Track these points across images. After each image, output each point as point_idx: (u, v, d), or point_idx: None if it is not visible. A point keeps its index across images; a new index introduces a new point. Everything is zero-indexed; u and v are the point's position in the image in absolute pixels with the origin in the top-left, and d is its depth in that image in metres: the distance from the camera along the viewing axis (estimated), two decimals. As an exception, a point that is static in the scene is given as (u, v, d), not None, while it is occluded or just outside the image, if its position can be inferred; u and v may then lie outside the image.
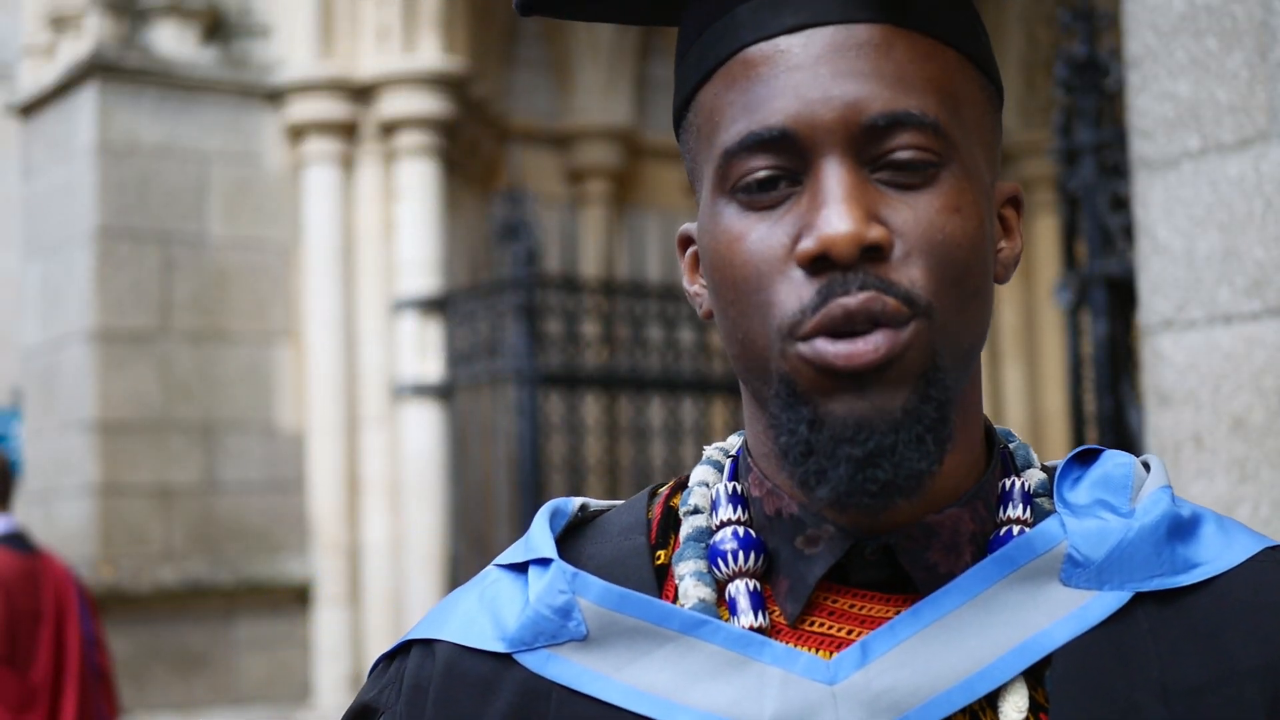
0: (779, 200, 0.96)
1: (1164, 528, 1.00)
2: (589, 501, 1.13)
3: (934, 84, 0.97)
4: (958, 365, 0.97)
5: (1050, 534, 0.99)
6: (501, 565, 1.08)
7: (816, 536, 0.99)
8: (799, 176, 0.96)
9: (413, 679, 1.06)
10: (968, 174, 0.98)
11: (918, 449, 0.94)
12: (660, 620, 1.00)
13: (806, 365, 0.94)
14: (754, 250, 0.96)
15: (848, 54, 0.95)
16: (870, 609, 0.99)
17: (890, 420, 0.93)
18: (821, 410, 0.94)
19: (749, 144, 0.96)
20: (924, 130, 0.95)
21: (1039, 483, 1.06)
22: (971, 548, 1.00)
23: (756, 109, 0.96)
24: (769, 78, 0.96)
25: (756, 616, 0.99)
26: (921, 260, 0.94)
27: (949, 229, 0.95)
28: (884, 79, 0.95)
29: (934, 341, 0.94)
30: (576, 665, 1.00)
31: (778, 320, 0.95)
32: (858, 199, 0.94)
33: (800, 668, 0.96)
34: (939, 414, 0.95)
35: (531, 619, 1.02)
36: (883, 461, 0.93)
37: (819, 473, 0.94)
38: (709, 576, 1.02)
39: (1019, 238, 1.05)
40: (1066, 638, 0.97)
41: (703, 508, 1.06)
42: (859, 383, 0.93)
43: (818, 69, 0.95)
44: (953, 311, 0.95)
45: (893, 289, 0.93)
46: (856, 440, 0.93)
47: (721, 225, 0.98)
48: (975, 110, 1.00)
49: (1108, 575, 0.98)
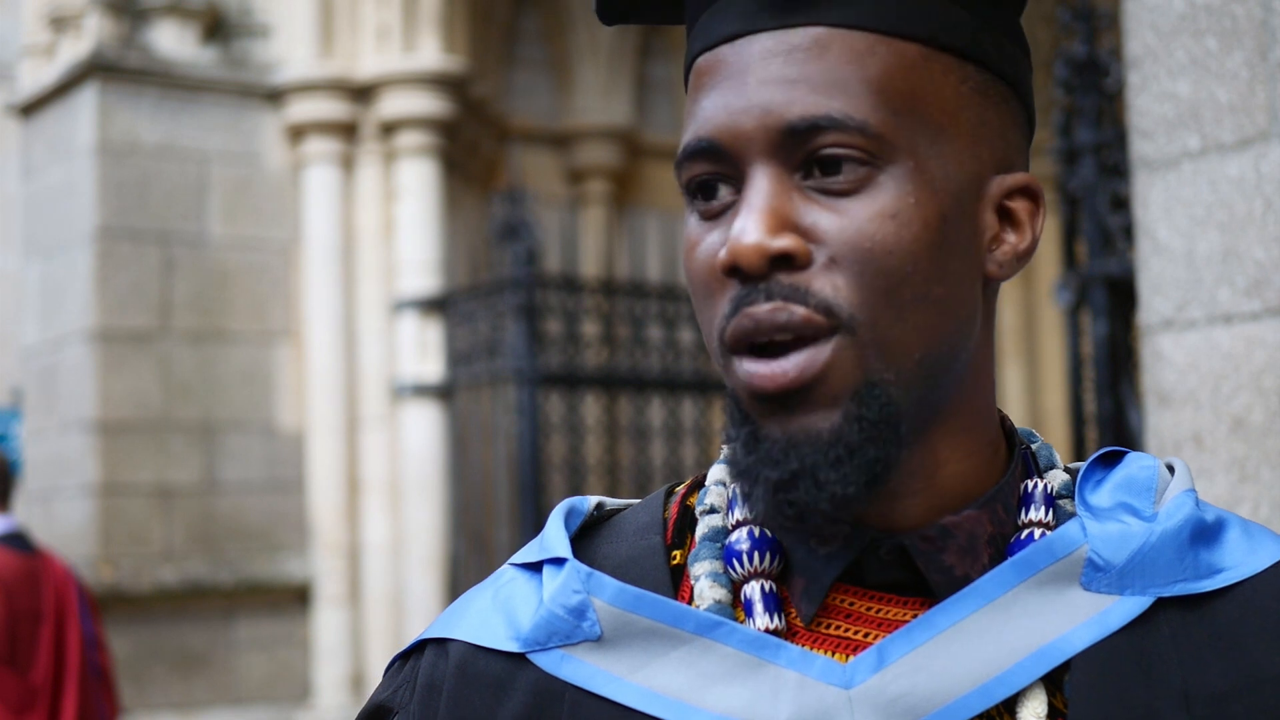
0: (721, 209, 0.97)
1: (1187, 532, 0.98)
2: (605, 500, 1.12)
3: (874, 83, 0.94)
4: (909, 377, 0.94)
5: (1070, 537, 0.98)
6: (516, 564, 1.08)
7: (831, 537, 0.99)
8: (738, 184, 0.96)
9: (427, 678, 1.06)
10: (915, 178, 0.94)
11: (835, 471, 0.92)
12: (675, 621, 0.99)
13: (741, 385, 0.95)
14: (701, 259, 0.97)
15: (776, 60, 0.95)
16: (886, 611, 0.99)
17: (815, 442, 0.93)
18: (761, 430, 0.94)
19: (688, 153, 0.97)
20: (849, 132, 0.93)
21: (1062, 484, 1.04)
22: (990, 550, 0.99)
23: (696, 119, 0.97)
24: (710, 87, 0.97)
25: (772, 618, 0.99)
26: (846, 269, 0.93)
27: (880, 236, 0.93)
28: (810, 83, 0.94)
29: (864, 357, 0.93)
30: (590, 666, 1.00)
31: (715, 330, 0.96)
32: (772, 209, 0.93)
33: (816, 671, 0.96)
34: (866, 435, 0.93)
35: (545, 619, 1.02)
36: (800, 484, 0.93)
37: (746, 494, 0.95)
38: (725, 577, 1.01)
39: (1029, 231, 1.02)
40: (1086, 643, 0.95)
41: (719, 507, 1.05)
42: (784, 404, 0.93)
43: (745, 77, 0.95)
44: (888, 323, 0.93)
45: (806, 298, 0.92)
46: (780, 463, 0.93)
47: (685, 233, 1.00)
48: (944, 105, 0.96)
49: (1129, 580, 0.97)
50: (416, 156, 8.12)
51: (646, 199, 9.63)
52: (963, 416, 0.99)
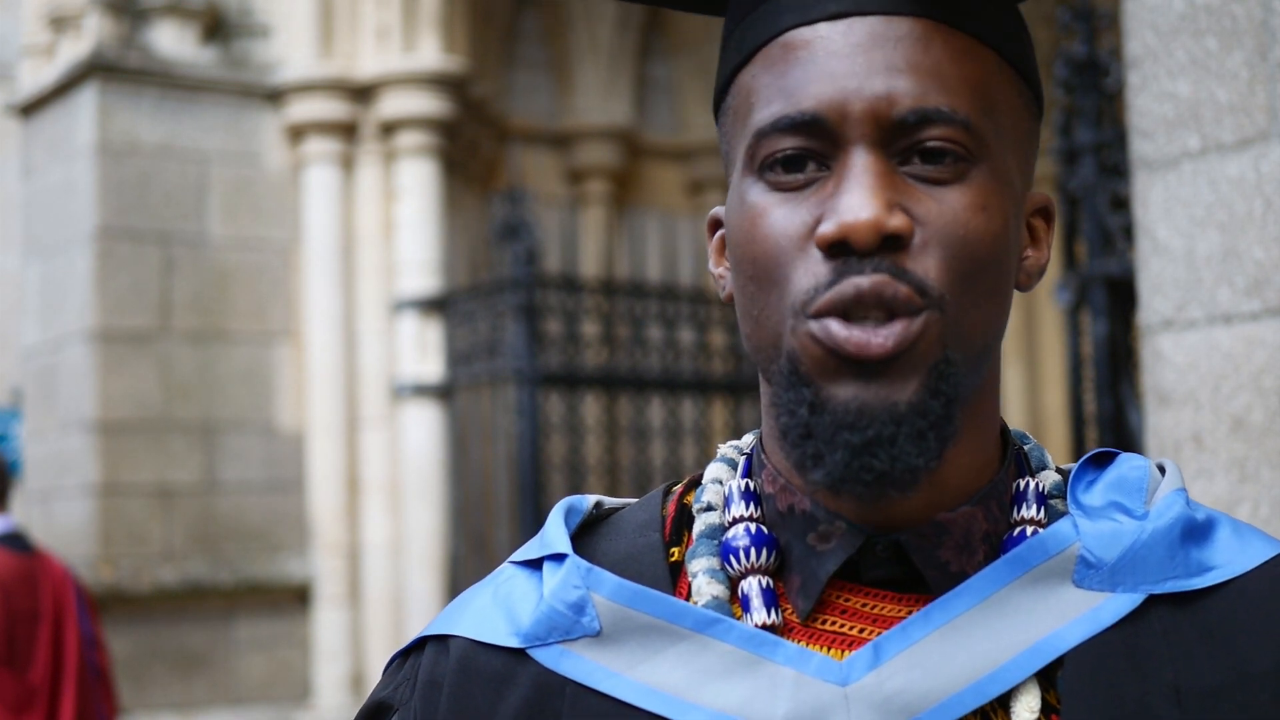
0: (805, 182, 0.97)
1: (1178, 530, 1.00)
2: (604, 499, 1.13)
3: (969, 83, 0.97)
4: (969, 362, 0.97)
5: (1063, 535, 0.99)
6: (516, 562, 1.08)
7: (829, 533, 1.00)
8: (827, 161, 0.96)
9: (428, 675, 1.06)
10: (997, 176, 0.98)
11: (917, 444, 0.94)
12: (674, 618, 1.00)
13: (814, 344, 0.94)
14: (775, 228, 0.97)
15: (885, 46, 0.96)
16: (882, 608, 0.99)
17: (893, 412, 0.93)
18: (824, 394, 0.94)
19: (781, 125, 0.97)
20: (954, 127, 0.95)
21: (1053, 484, 1.06)
22: (984, 547, 1.00)
23: (791, 92, 0.97)
24: (806, 61, 0.97)
25: (769, 614, 0.99)
26: (939, 252, 0.95)
27: (972, 225, 0.96)
28: (919, 74, 0.96)
29: (945, 335, 0.95)
30: (590, 661, 1.01)
31: (791, 297, 0.96)
32: (882, 187, 0.94)
33: (813, 668, 0.96)
34: (945, 410, 0.95)
35: (545, 614, 1.02)
36: (879, 452, 0.93)
37: (816, 456, 0.95)
38: (722, 574, 1.02)
39: (1046, 248, 1.05)
40: (1079, 639, 0.96)
41: (716, 504, 1.06)
42: (865, 370, 0.93)
43: (854, 58, 0.96)
44: (966, 307, 0.96)
45: (906, 276, 0.94)
46: (856, 427, 0.93)
47: (747, 203, 0.99)
48: (1011, 116, 1.00)
49: (1121, 577, 0.98)
50: (416, 156, 8.12)
51: (646, 199, 9.63)
52: (978, 414, 1.01)
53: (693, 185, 9.79)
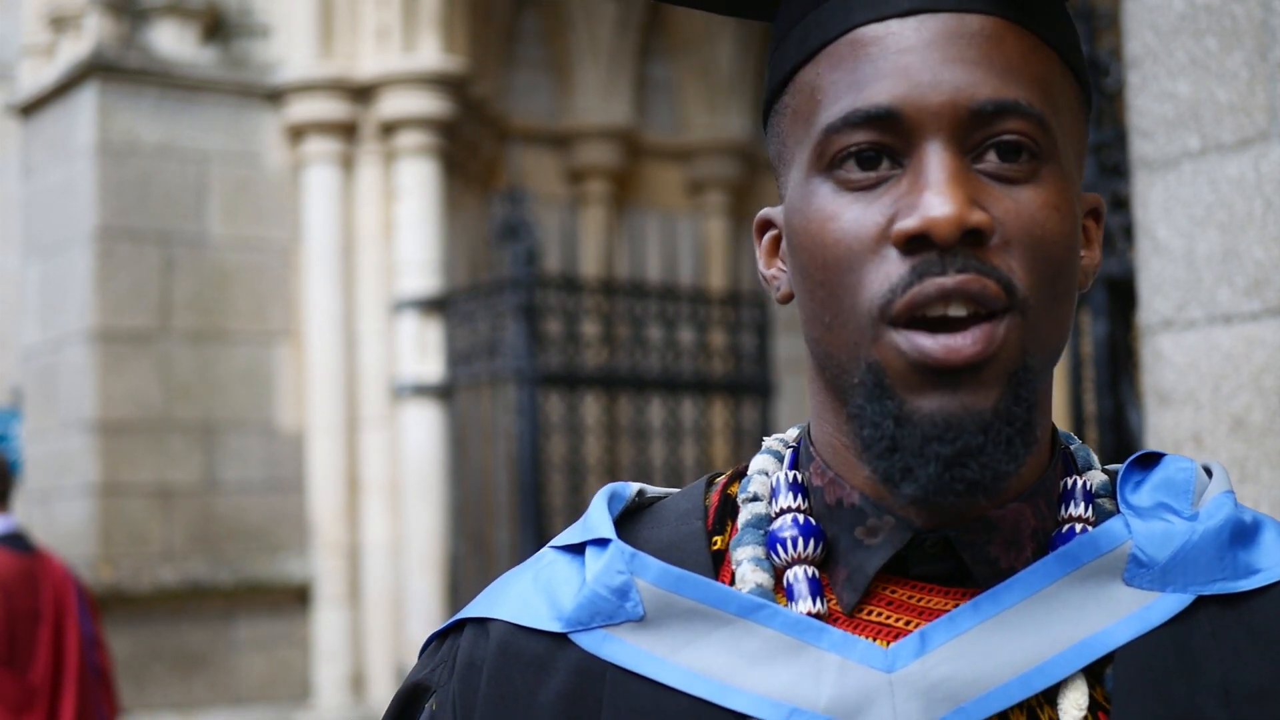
0: (877, 181, 0.96)
1: (1227, 532, 1.00)
2: (645, 487, 1.13)
3: (1039, 81, 0.97)
4: (1043, 367, 0.97)
5: (1115, 533, 0.99)
6: (557, 547, 1.08)
7: (877, 527, 0.99)
8: (900, 159, 0.95)
9: (466, 657, 1.06)
10: (1065, 176, 0.98)
11: (1006, 450, 0.93)
12: (718, 603, 1.00)
13: (900, 356, 0.93)
14: (847, 229, 0.95)
15: (959, 41, 0.96)
16: (928, 600, 0.99)
17: (980, 420, 0.93)
18: (909, 406, 0.93)
19: (854, 120, 0.96)
20: (1030, 121, 0.95)
21: (1100, 484, 1.06)
22: (1033, 544, 1.00)
23: (863, 87, 0.96)
24: (878, 57, 0.96)
25: (815, 603, 0.99)
26: (1020, 252, 0.94)
27: (1049, 225, 0.95)
28: (994, 68, 0.95)
29: (1025, 340, 0.94)
30: (632, 646, 1.00)
31: (867, 301, 0.94)
32: (961, 183, 0.93)
33: (858, 654, 0.96)
34: (1028, 416, 0.94)
35: (589, 599, 1.02)
36: (970, 462, 0.93)
37: (905, 470, 0.94)
38: (767, 563, 1.02)
39: (1098, 249, 1.05)
40: (1128, 637, 0.96)
41: (762, 495, 1.06)
42: (952, 379, 0.93)
43: (928, 53, 0.95)
44: (1044, 310, 0.95)
45: (993, 272, 0.93)
46: (945, 439, 0.93)
47: (814, 204, 0.98)
48: (1070, 115, 1.00)
49: (1171, 577, 0.98)
50: (416, 156, 8.12)
51: (646, 199, 9.63)
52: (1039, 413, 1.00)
53: (693, 185, 9.79)
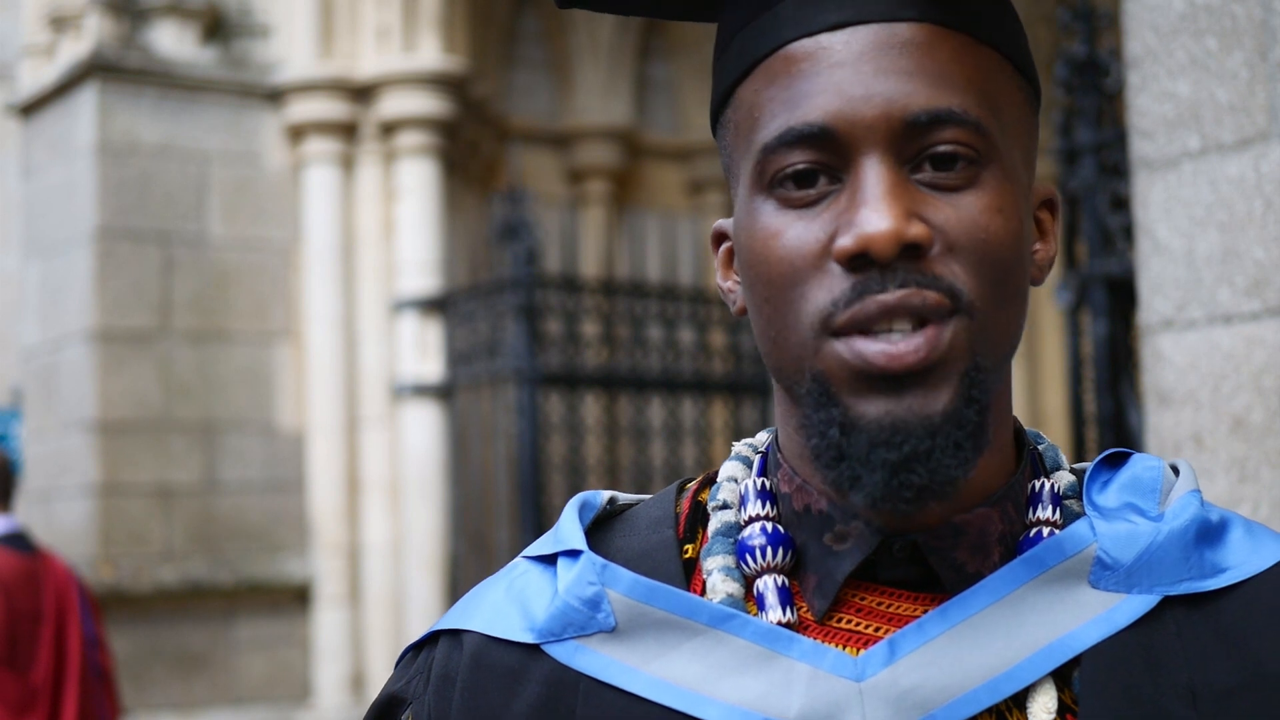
0: (817, 198, 0.96)
1: (1193, 532, 1.00)
2: (617, 495, 1.13)
3: (975, 84, 0.96)
4: (995, 367, 0.97)
5: (1080, 536, 0.99)
6: (530, 557, 1.08)
7: (845, 533, 1.00)
8: (839, 174, 0.95)
9: (441, 669, 1.06)
10: (1007, 175, 0.97)
11: (955, 455, 0.93)
12: (689, 613, 1.00)
13: (843, 365, 0.93)
14: (790, 247, 0.96)
15: (891, 52, 0.95)
16: (898, 607, 0.99)
17: (928, 424, 0.93)
18: (854, 413, 0.93)
19: (789, 140, 0.96)
20: (966, 128, 0.95)
21: (1068, 485, 1.05)
22: (1000, 548, 1.00)
23: (797, 105, 0.96)
24: (811, 74, 0.96)
25: (784, 612, 0.99)
26: (964, 258, 0.94)
27: (993, 228, 0.95)
28: (927, 77, 0.95)
29: (974, 342, 0.94)
30: (604, 657, 1.01)
31: (810, 315, 0.95)
32: (898, 196, 0.93)
33: (828, 664, 0.97)
34: (979, 418, 0.94)
35: (560, 610, 1.03)
36: (918, 467, 0.93)
37: (853, 478, 0.94)
38: (737, 571, 1.02)
39: (1054, 241, 1.05)
40: (1095, 640, 0.97)
41: (731, 503, 1.06)
42: (897, 384, 0.93)
43: (860, 66, 0.95)
44: (993, 312, 0.95)
45: (936, 283, 0.93)
46: (892, 444, 0.92)
47: (759, 222, 0.98)
48: (1014, 112, 1.00)
49: (1136, 578, 0.98)
50: (416, 156, 8.12)
51: (646, 199, 9.63)
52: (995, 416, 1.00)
53: (693, 185, 9.79)
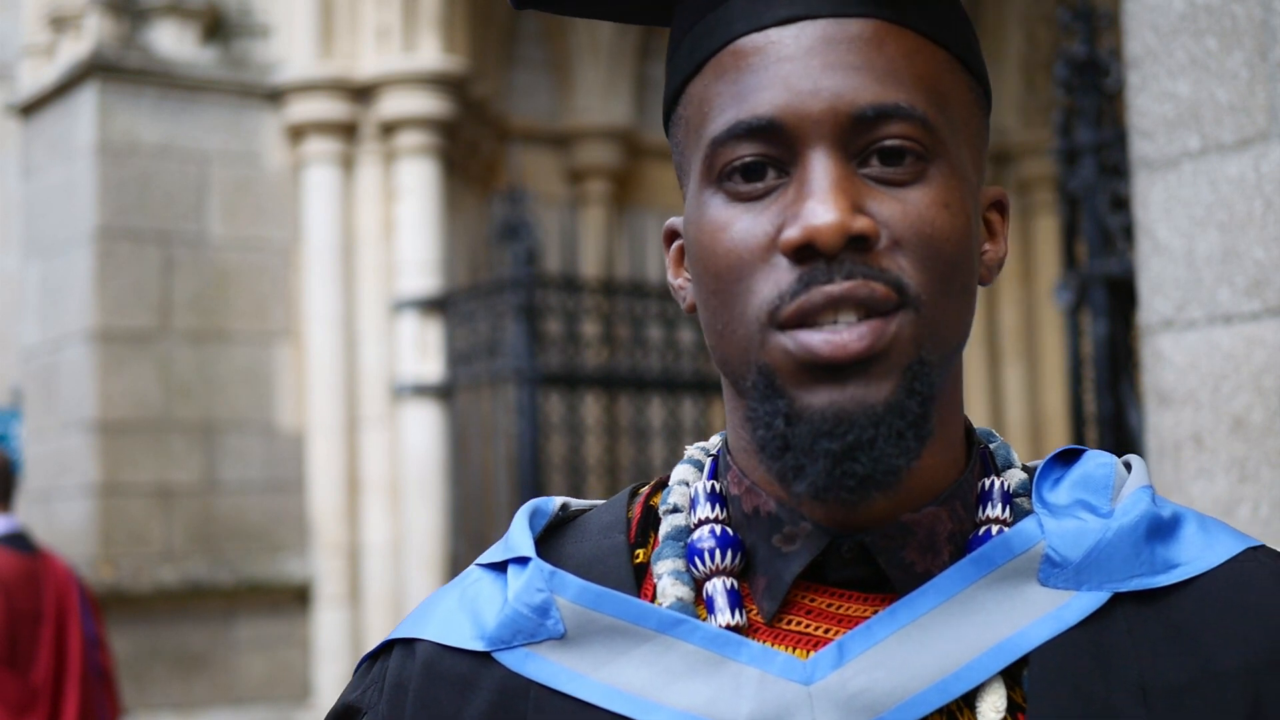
0: (765, 191, 0.96)
1: (1143, 528, 1.00)
2: (570, 501, 1.13)
3: (923, 81, 0.97)
4: (941, 361, 0.97)
5: (1028, 534, 0.99)
6: (482, 565, 1.09)
7: (794, 534, 1.00)
8: (787, 168, 0.96)
9: (394, 678, 1.07)
10: (955, 173, 0.98)
11: (897, 444, 0.93)
12: (637, 619, 1.00)
13: (787, 356, 0.94)
14: (737, 239, 0.96)
15: (839, 47, 0.96)
16: (848, 608, 0.99)
17: (870, 414, 0.93)
18: (799, 404, 0.94)
19: (737, 133, 0.96)
20: (912, 123, 0.95)
21: (1019, 483, 1.05)
22: (950, 547, 1.00)
23: (745, 99, 0.96)
24: (759, 68, 0.96)
25: (734, 615, 1.00)
26: (910, 252, 0.94)
27: (938, 223, 0.95)
28: (874, 72, 0.95)
29: (919, 334, 0.94)
30: (554, 664, 1.01)
31: (756, 308, 0.95)
32: (844, 190, 0.94)
33: (777, 667, 0.97)
34: (921, 409, 0.94)
35: (510, 617, 1.03)
36: (860, 456, 0.93)
37: (796, 468, 0.94)
38: (687, 575, 1.02)
39: (1004, 242, 1.05)
40: (1044, 638, 0.96)
41: (682, 506, 1.06)
42: (840, 375, 0.93)
43: (808, 61, 0.95)
44: (939, 306, 0.95)
45: (882, 276, 0.93)
46: (835, 434, 0.93)
47: (707, 216, 0.98)
48: (963, 111, 1.00)
49: (1086, 575, 0.98)
50: (416, 156, 8.12)
51: (646, 199, 9.63)
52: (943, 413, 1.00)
53: (692, 185, 9.78)
